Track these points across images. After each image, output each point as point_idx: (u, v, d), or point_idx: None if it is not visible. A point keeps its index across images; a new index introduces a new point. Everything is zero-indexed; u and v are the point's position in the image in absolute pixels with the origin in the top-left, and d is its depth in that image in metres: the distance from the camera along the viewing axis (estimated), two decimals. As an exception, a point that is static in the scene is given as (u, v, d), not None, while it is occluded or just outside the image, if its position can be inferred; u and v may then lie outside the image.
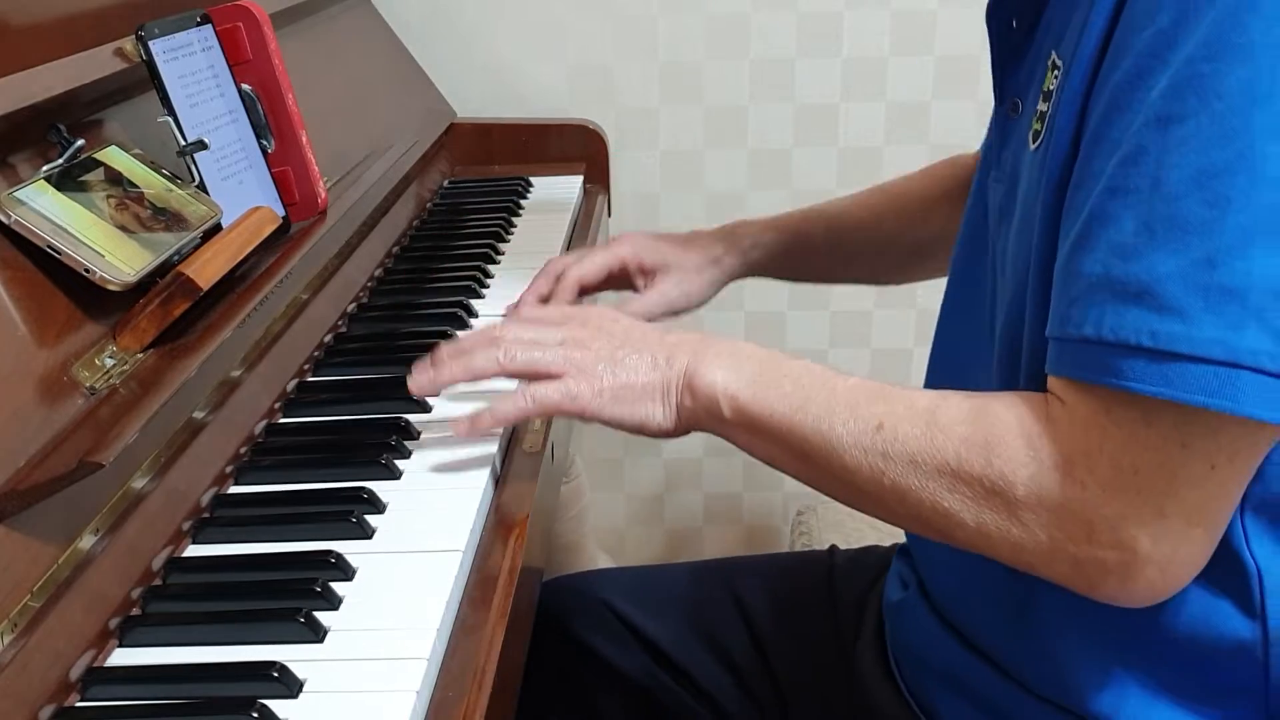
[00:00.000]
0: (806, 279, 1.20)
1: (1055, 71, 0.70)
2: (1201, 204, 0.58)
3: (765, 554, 0.76)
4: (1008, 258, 0.74)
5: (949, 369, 0.88)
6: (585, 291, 1.06)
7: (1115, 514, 0.61)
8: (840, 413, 0.70)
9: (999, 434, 0.65)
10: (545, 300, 1.04)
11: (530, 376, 0.79)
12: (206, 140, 0.86)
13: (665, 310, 1.06)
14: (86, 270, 0.71)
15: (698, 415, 0.77)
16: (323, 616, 0.67)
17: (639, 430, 0.79)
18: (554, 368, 0.79)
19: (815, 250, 1.11)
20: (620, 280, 1.08)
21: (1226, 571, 0.67)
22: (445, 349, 0.82)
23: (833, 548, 1.08)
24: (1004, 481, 0.64)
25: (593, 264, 1.05)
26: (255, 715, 0.59)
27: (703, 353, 0.77)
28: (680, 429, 0.78)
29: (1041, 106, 0.72)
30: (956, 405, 0.68)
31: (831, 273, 1.18)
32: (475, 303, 1.13)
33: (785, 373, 0.74)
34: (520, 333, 0.81)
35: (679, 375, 0.77)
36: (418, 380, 0.83)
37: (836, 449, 0.70)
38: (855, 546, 1.08)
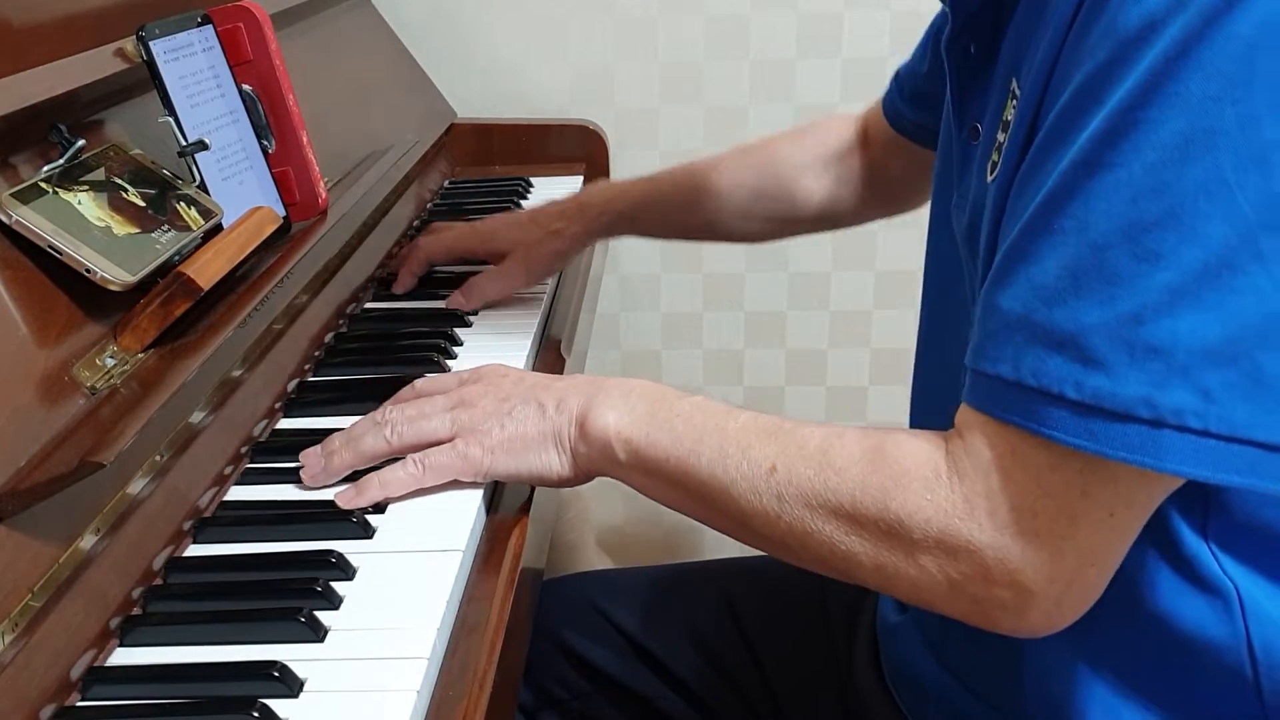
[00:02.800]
0: (667, 236, 1.27)
1: (1014, 101, 0.68)
2: (1130, 257, 0.56)
3: (759, 555, 0.75)
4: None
5: (932, 394, 0.86)
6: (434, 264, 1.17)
7: (1011, 557, 0.61)
8: (733, 455, 0.69)
9: (894, 475, 0.64)
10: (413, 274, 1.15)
11: (423, 447, 0.78)
12: (207, 140, 0.86)
13: (506, 289, 1.11)
14: (87, 270, 0.71)
15: (594, 460, 0.75)
16: (323, 616, 0.67)
17: (538, 481, 0.78)
18: (442, 433, 0.77)
19: (672, 208, 1.17)
20: (471, 260, 1.17)
21: (1211, 597, 0.67)
22: (336, 437, 0.80)
23: None
24: (900, 525, 0.63)
25: (441, 246, 1.16)
26: (256, 715, 0.59)
27: (593, 395, 0.76)
28: (579, 475, 0.77)
29: (999, 137, 0.69)
30: (851, 444, 0.67)
31: (691, 231, 1.22)
32: (475, 303, 1.13)
33: (677, 412, 0.73)
34: (405, 409, 0.79)
35: (570, 420, 0.76)
36: (309, 471, 0.80)
37: (731, 493, 0.69)
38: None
